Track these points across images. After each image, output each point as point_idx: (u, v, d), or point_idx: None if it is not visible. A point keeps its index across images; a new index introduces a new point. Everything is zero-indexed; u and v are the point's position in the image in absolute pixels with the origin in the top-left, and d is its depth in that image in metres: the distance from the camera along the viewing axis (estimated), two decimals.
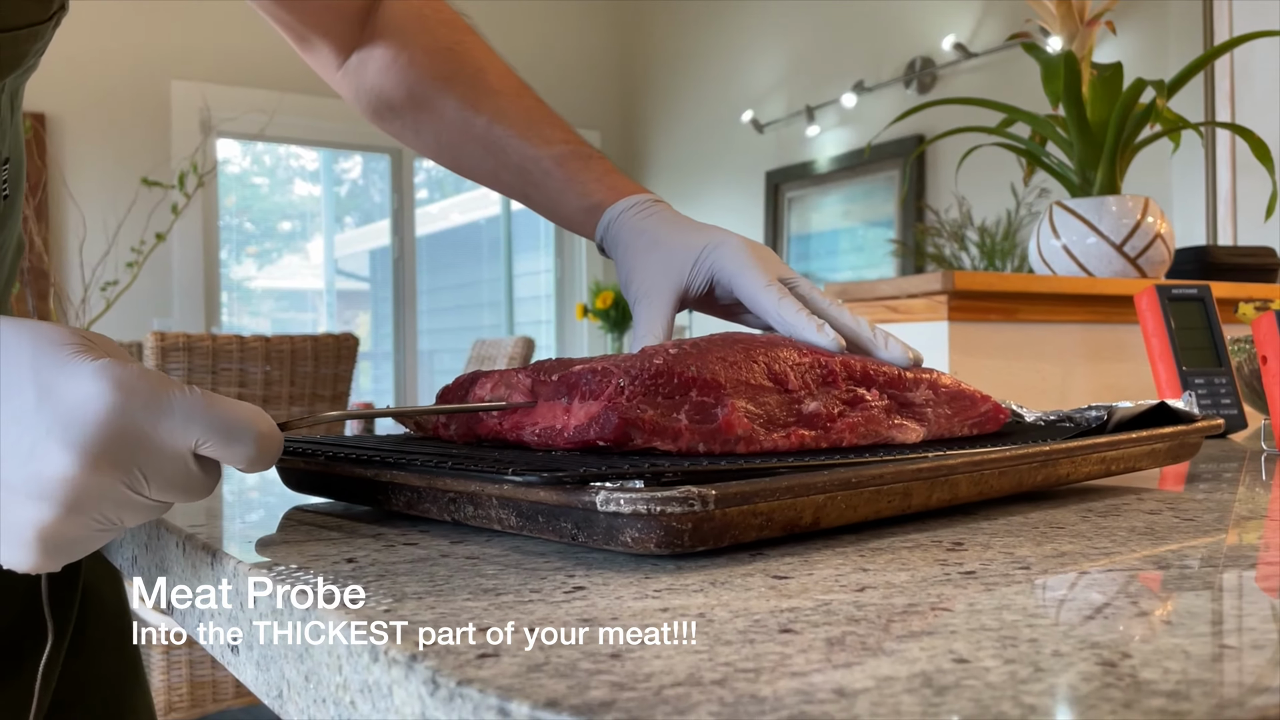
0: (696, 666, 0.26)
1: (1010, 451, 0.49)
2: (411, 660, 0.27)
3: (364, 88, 0.81)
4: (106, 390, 0.35)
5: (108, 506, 0.36)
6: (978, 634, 0.29)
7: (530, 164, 0.73)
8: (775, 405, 0.48)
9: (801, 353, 0.52)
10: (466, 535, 0.45)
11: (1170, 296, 0.96)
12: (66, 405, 0.35)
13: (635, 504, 0.36)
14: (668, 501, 0.36)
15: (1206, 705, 0.23)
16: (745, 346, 0.50)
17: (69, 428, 0.35)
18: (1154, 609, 0.32)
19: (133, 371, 0.36)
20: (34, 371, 0.36)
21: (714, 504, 0.37)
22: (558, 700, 0.24)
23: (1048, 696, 0.23)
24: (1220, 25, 2.47)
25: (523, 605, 0.33)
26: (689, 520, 0.37)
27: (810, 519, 0.41)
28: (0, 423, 0.36)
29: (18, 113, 0.66)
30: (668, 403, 0.45)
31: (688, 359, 0.47)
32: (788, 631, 0.29)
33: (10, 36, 0.57)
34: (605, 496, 0.37)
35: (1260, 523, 0.47)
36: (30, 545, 0.36)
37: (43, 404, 0.35)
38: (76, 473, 0.35)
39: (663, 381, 0.46)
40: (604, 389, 0.45)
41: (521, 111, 0.75)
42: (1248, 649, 0.27)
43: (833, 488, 0.41)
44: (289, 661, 0.35)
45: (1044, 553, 0.40)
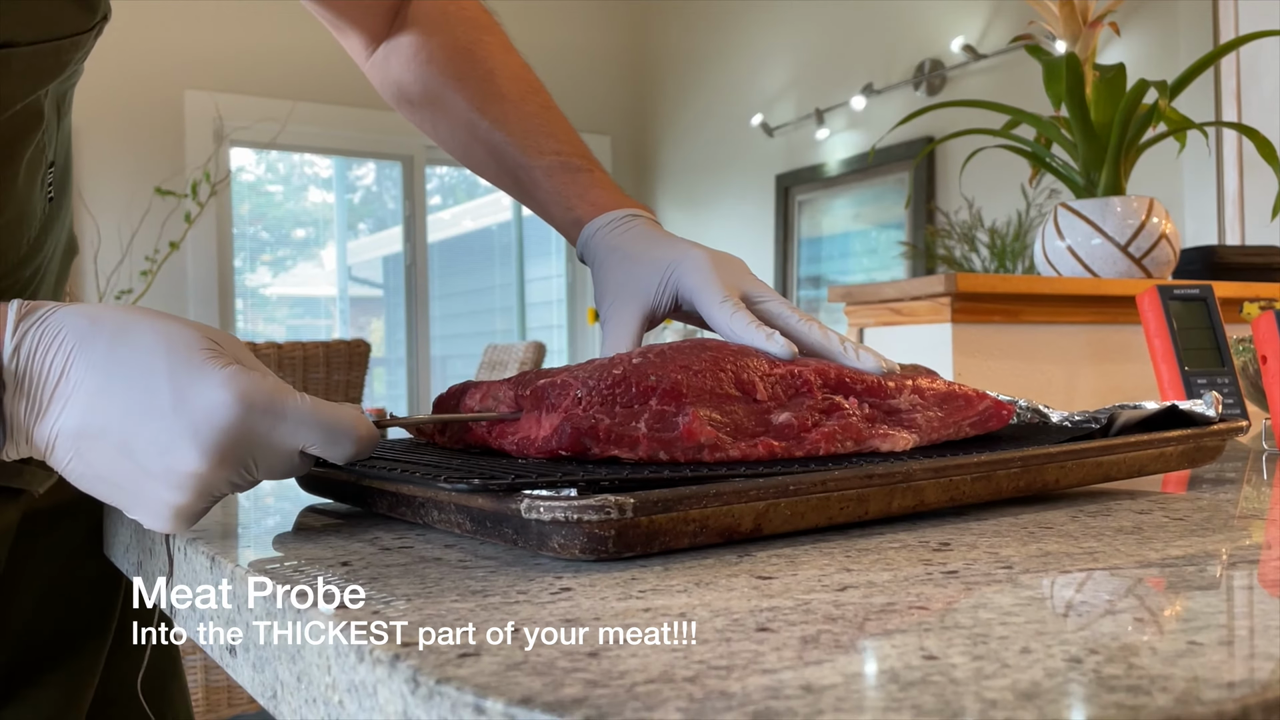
0: (671, 664, 0.27)
1: (978, 459, 0.49)
2: (395, 660, 0.28)
3: (388, 79, 0.84)
4: (232, 400, 0.42)
5: (224, 488, 0.44)
6: (950, 632, 0.29)
7: (523, 173, 0.75)
8: (743, 415, 0.48)
9: (773, 363, 0.52)
10: (460, 541, 0.46)
11: (1172, 297, 0.96)
12: (199, 411, 0.42)
13: (554, 512, 0.38)
14: (584, 510, 0.37)
15: (1164, 700, 0.23)
16: (714, 355, 0.50)
17: (199, 432, 0.42)
18: (1127, 607, 0.32)
19: (254, 381, 0.43)
20: (169, 375, 0.42)
21: (632, 512, 0.38)
22: (531, 697, 0.24)
23: (1009, 691, 0.24)
24: (1226, 25, 2.47)
25: (509, 606, 0.34)
26: (610, 527, 0.38)
27: (751, 526, 0.42)
28: (142, 419, 0.42)
29: (65, 118, 0.68)
30: (626, 412, 0.46)
31: (648, 368, 0.48)
32: (764, 630, 0.30)
33: (53, 46, 0.59)
34: (529, 504, 0.38)
35: (1248, 522, 0.48)
36: (165, 519, 0.44)
37: (178, 407, 0.42)
38: (205, 470, 0.42)
39: (621, 391, 0.47)
40: (563, 400, 0.46)
41: (521, 119, 0.76)
42: (1214, 645, 0.27)
43: (768, 495, 0.42)
44: (282, 662, 0.36)
45: (1028, 553, 0.41)
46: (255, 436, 0.43)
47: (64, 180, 0.70)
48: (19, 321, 0.44)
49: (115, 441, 0.42)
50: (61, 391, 0.43)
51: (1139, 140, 1.31)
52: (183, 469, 0.42)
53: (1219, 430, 0.60)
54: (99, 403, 0.43)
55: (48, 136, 0.65)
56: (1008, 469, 0.50)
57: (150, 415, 0.42)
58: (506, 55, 0.81)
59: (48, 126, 0.64)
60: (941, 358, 1.15)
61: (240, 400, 0.42)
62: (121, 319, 0.44)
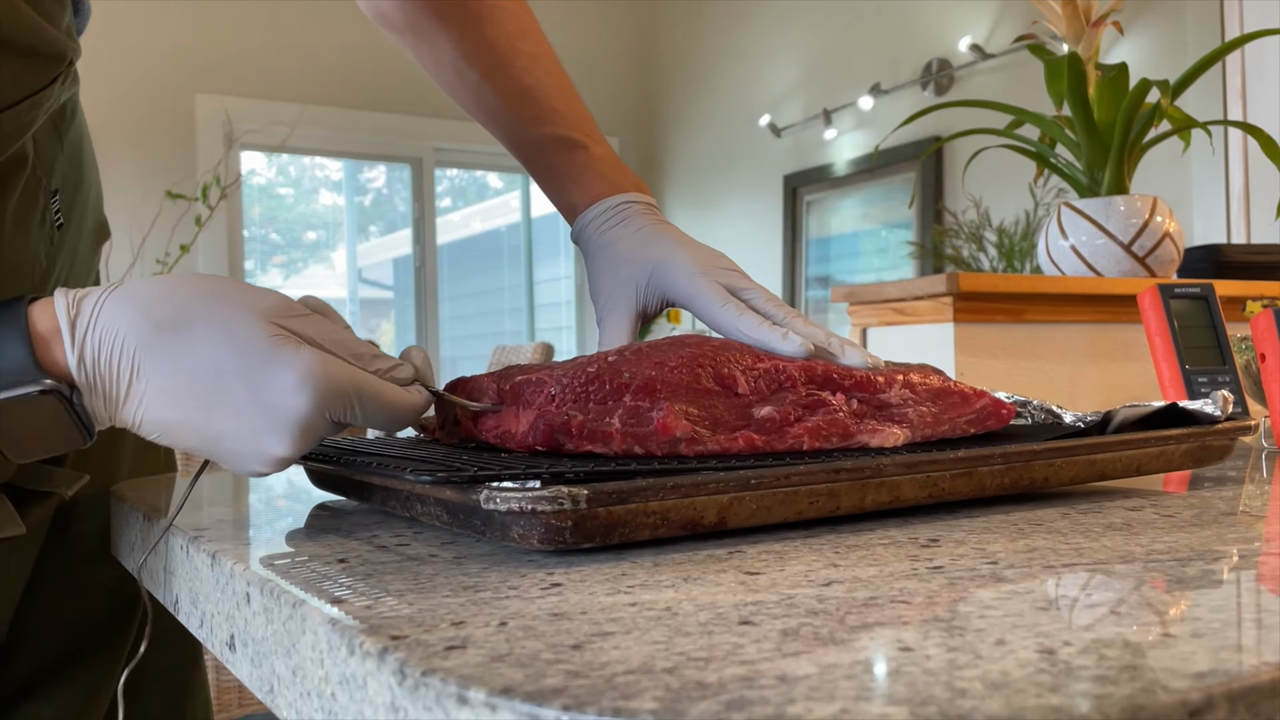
0: (651, 656, 0.27)
1: (954, 454, 0.49)
2: (383, 653, 0.29)
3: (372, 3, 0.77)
4: (307, 396, 0.44)
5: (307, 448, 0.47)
6: (929, 625, 0.30)
7: (515, 139, 0.73)
8: (723, 409, 0.49)
9: (756, 358, 0.52)
10: (458, 538, 0.47)
11: (1173, 296, 0.96)
12: (276, 410, 0.44)
13: (509, 502, 0.39)
14: (539, 500, 0.38)
15: (1130, 689, 0.24)
16: (692, 351, 0.51)
17: (279, 427, 0.44)
18: (1104, 601, 0.33)
19: (326, 369, 0.44)
20: (240, 375, 0.44)
21: (586, 503, 0.39)
22: (512, 688, 0.25)
23: (978, 681, 0.24)
24: (1231, 23, 2.46)
25: (499, 601, 0.34)
26: (567, 518, 0.39)
27: (714, 519, 0.43)
28: (223, 416, 0.44)
29: (69, 131, 0.67)
30: (600, 408, 0.47)
31: (623, 364, 0.49)
32: (746, 624, 0.30)
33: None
34: (486, 495, 0.39)
35: (1238, 519, 0.48)
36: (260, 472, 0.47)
37: (255, 403, 0.44)
38: (287, 453, 0.45)
39: (595, 387, 0.48)
40: (537, 397, 0.47)
41: (512, 76, 0.72)
42: (1186, 638, 0.28)
43: (729, 488, 0.42)
44: (278, 657, 0.36)
45: (1015, 549, 0.41)
46: (327, 422, 0.46)
47: (75, 195, 0.69)
48: (73, 325, 0.44)
49: (200, 432, 0.45)
50: (136, 390, 0.44)
51: (1142, 139, 1.31)
52: (269, 453, 0.45)
53: (1224, 430, 0.60)
54: (176, 401, 0.44)
55: (42, 169, 0.63)
56: (990, 465, 0.50)
57: (229, 413, 0.44)
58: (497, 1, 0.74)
59: (40, 158, 0.63)
60: (944, 357, 1.15)
61: (313, 394, 0.44)
62: (176, 311, 0.45)
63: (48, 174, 0.64)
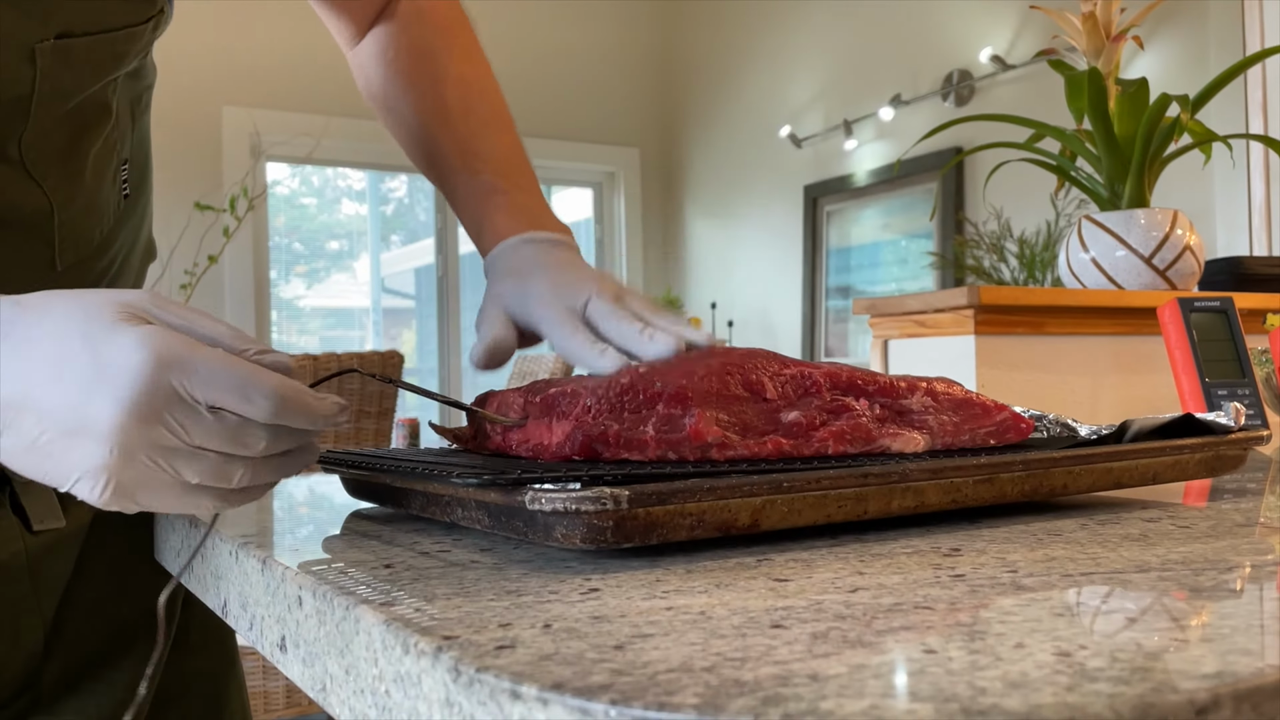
0: (690, 656, 0.29)
1: (977, 461, 0.51)
2: (437, 652, 0.31)
3: (359, 73, 0.86)
4: (142, 352, 0.42)
5: (156, 452, 0.43)
6: (952, 629, 0.32)
7: (449, 190, 0.78)
8: (752, 414, 0.51)
9: (783, 364, 0.54)
10: (496, 544, 0.49)
11: (1193, 309, 0.97)
12: (110, 366, 0.42)
13: (554, 503, 0.40)
14: (582, 500, 0.40)
15: (1141, 689, 0.25)
16: (720, 360, 0.53)
17: (111, 383, 0.42)
18: (1119, 608, 0.34)
19: (167, 336, 0.43)
20: (84, 338, 0.43)
21: (627, 503, 0.40)
22: (562, 683, 0.27)
23: (998, 680, 0.26)
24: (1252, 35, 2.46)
25: (541, 605, 0.36)
26: (609, 518, 0.40)
27: (748, 521, 0.44)
28: (60, 382, 0.43)
29: (141, 119, 0.72)
30: (634, 417, 0.49)
31: (654, 375, 0.51)
32: (778, 627, 0.32)
33: (108, 38, 0.61)
34: (531, 496, 0.41)
35: (1252, 530, 0.49)
36: (100, 483, 0.43)
37: (92, 365, 0.43)
38: (123, 420, 0.42)
39: (629, 398, 0.49)
40: (573, 409, 0.49)
41: (458, 133, 0.78)
42: (1197, 642, 0.29)
43: (762, 491, 0.44)
44: (331, 657, 0.38)
45: (1034, 558, 0.43)
46: (168, 389, 0.43)
47: (141, 179, 0.73)
48: None
49: (38, 407, 0.43)
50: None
51: (1162, 153, 1.32)
52: (101, 422, 0.42)
53: (1239, 439, 0.61)
54: (21, 372, 0.43)
55: (118, 133, 0.67)
56: (1011, 472, 0.52)
57: (67, 377, 0.43)
58: (465, 63, 0.81)
59: (118, 123, 0.67)
60: (965, 369, 1.16)
61: (150, 351, 0.42)
62: (46, 299, 0.45)
63: (121, 141, 0.68)
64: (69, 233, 0.65)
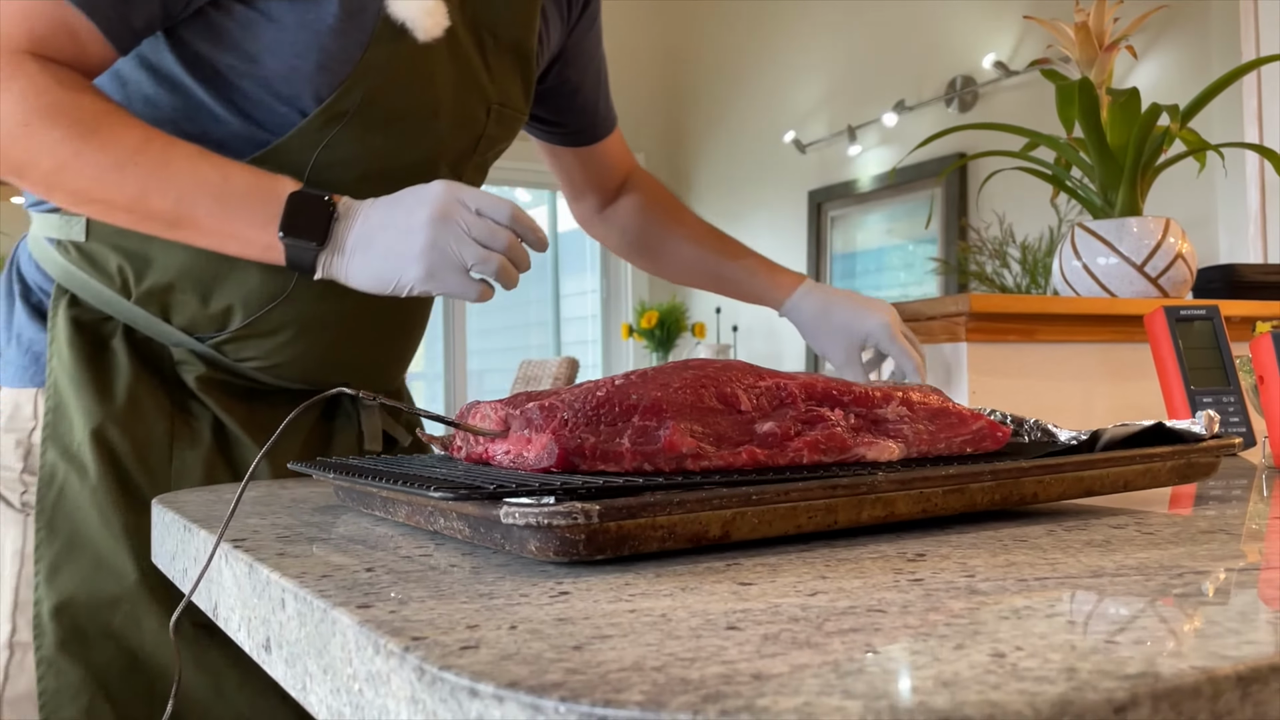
0: (643, 656, 0.30)
1: (946, 471, 0.52)
2: (405, 652, 0.32)
3: (616, 224, 1.30)
4: (441, 185, 0.80)
5: (450, 240, 0.78)
6: (898, 631, 0.33)
7: (728, 272, 1.28)
8: (727, 426, 0.52)
9: (758, 376, 0.55)
10: (476, 549, 0.50)
11: (1179, 317, 0.98)
12: (426, 193, 0.80)
13: (528, 517, 0.42)
14: (554, 515, 0.41)
15: (1064, 688, 0.27)
16: (695, 373, 0.54)
17: (426, 202, 0.79)
18: (1064, 611, 0.36)
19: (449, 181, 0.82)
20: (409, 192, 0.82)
21: (598, 517, 0.42)
22: (518, 682, 0.28)
23: (931, 679, 0.27)
24: (1248, 45, 2.47)
25: (511, 607, 0.37)
26: (581, 532, 0.42)
27: (719, 532, 0.46)
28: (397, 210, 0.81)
29: None
30: (610, 429, 0.50)
31: (630, 388, 0.52)
32: (733, 629, 0.34)
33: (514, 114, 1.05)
34: (506, 510, 0.42)
35: (1213, 536, 0.50)
36: (419, 265, 0.79)
37: (416, 195, 0.81)
38: (432, 217, 0.79)
39: (605, 410, 0.51)
40: (550, 422, 0.50)
41: (714, 239, 1.29)
42: (1129, 644, 0.31)
43: (731, 504, 0.45)
44: (310, 657, 0.40)
45: (995, 563, 0.44)
46: (456, 200, 0.79)
47: None
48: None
49: (385, 233, 0.80)
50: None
51: (1155, 162, 1.33)
52: (419, 223, 0.78)
53: (1210, 447, 0.62)
54: (373, 217, 0.81)
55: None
56: (980, 482, 0.53)
57: (400, 208, 0.80)
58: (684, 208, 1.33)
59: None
60: (957, 376, 1.17)
61: (443, 183, 0.80)
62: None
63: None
64: None
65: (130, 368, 0.90)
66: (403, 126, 0.92)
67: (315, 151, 0.88)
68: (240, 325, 0.91)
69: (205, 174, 0.80)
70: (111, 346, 0.91)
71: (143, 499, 0.88)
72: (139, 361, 0.91)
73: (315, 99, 0.87)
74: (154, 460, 0.89)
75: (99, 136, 0.79)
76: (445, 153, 0.97)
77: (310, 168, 0.88)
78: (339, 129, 0.88)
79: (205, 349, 0.93)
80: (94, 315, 0.92)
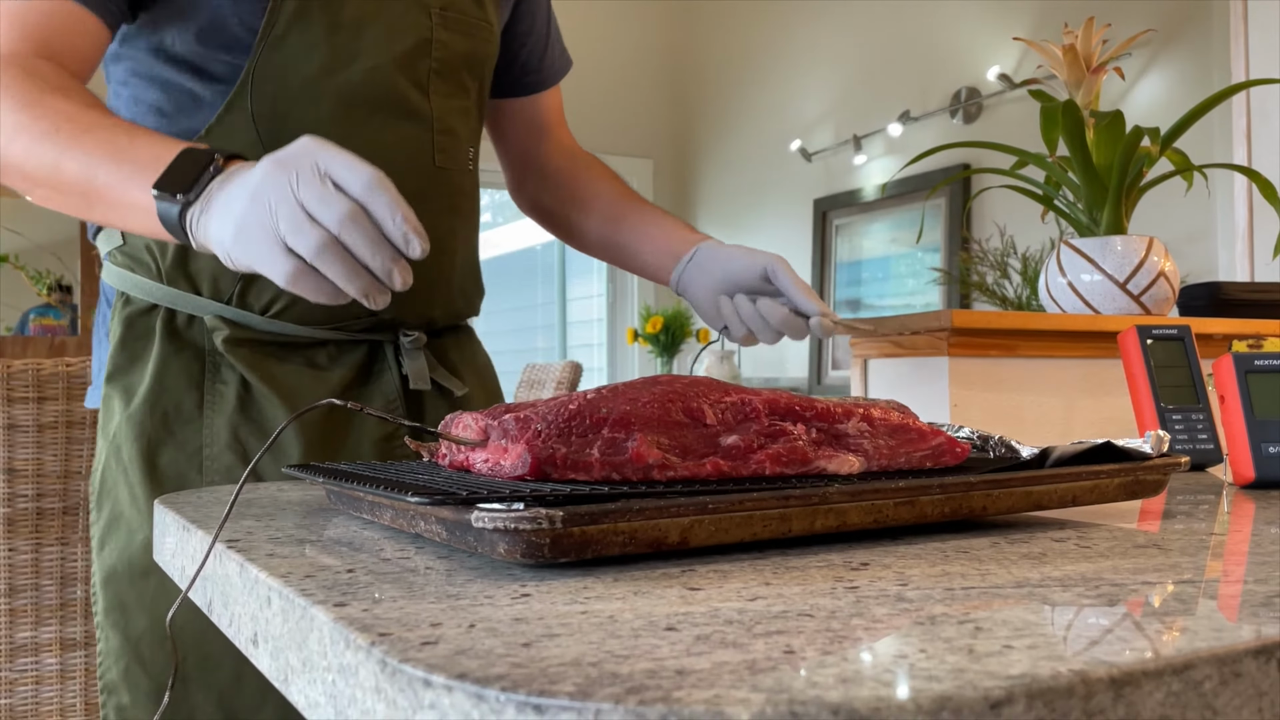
0: (583, 653, 0.34)
1: (897, 484, 0.55)
2: (370, 646, 0.35)
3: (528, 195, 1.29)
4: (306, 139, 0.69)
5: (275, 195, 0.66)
6: (821, 634, 0.36)
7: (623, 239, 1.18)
8: (693, 439, 0.56)
9: (724, 392, 0.59)
10: (454, 552, 0.54)
11: (1150, 336, 1.01)
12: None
13: (497, 521, 0.45)
14: (521, 520, 0.45)
15: (947, 686, 0.30)
16: (665, 388, 0.57)
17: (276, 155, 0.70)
18: (978, 618, 0.39)
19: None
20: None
21: (562, 523, 0.45)
22: (466, 674, 0.32)
23: (833, 677, 0.31)
24: (1237, 65, 2.50)
25: (474, 607, 0.41)
26: (546, 536, 0.45)
27: (677, 538, 0.49)
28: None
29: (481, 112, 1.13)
30: (581, 440, 0.54)
31: (601, 401, 0.55)
32: (671, 630, 0.37)
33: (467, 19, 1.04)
34: (477, 515, 0.46)
35: (1143, 550, 0.54)
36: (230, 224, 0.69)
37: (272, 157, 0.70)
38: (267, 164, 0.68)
39: (576, 422, 0.54)
40: (524, 433, 0.54)
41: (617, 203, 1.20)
42: (1023, 648, 0.34)
43: (688, 512, 0.49)
44: (291, 650, 0.43)
45: (931, 573, 0.47)
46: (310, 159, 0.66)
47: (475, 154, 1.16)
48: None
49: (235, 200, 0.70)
50: None
51: (1139, 182, 1.36)
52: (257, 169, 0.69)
53: (1157, 465, 0.66)
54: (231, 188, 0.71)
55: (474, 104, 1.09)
56: (930, 495, 0.56)
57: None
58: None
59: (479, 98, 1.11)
60: (939, 390, 1.20)
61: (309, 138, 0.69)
62: None
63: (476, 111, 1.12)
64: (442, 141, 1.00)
65: (161, 347, 0.95)
66: (337, 39, 0.93)
67: (261, 84, 0.90)
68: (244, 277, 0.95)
69: (117, 141, 0.76)
70: (151, 332, 0.97)
71: (174, 474, 0.94)
72: (172, 339, 0.96)
73: (249, 32, 0.90)
74: (183, 433, 0.95)
75: (40, 107, 0.79)
76: (392, 60, 0.96)
77: (255, 99, 0.90)
78: (273, 52, 0.90)
79: (234, 311, 0.96)
80: (139, 307, 0.98)
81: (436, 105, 1.00)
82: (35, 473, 1.78)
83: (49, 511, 1.80)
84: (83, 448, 1.82)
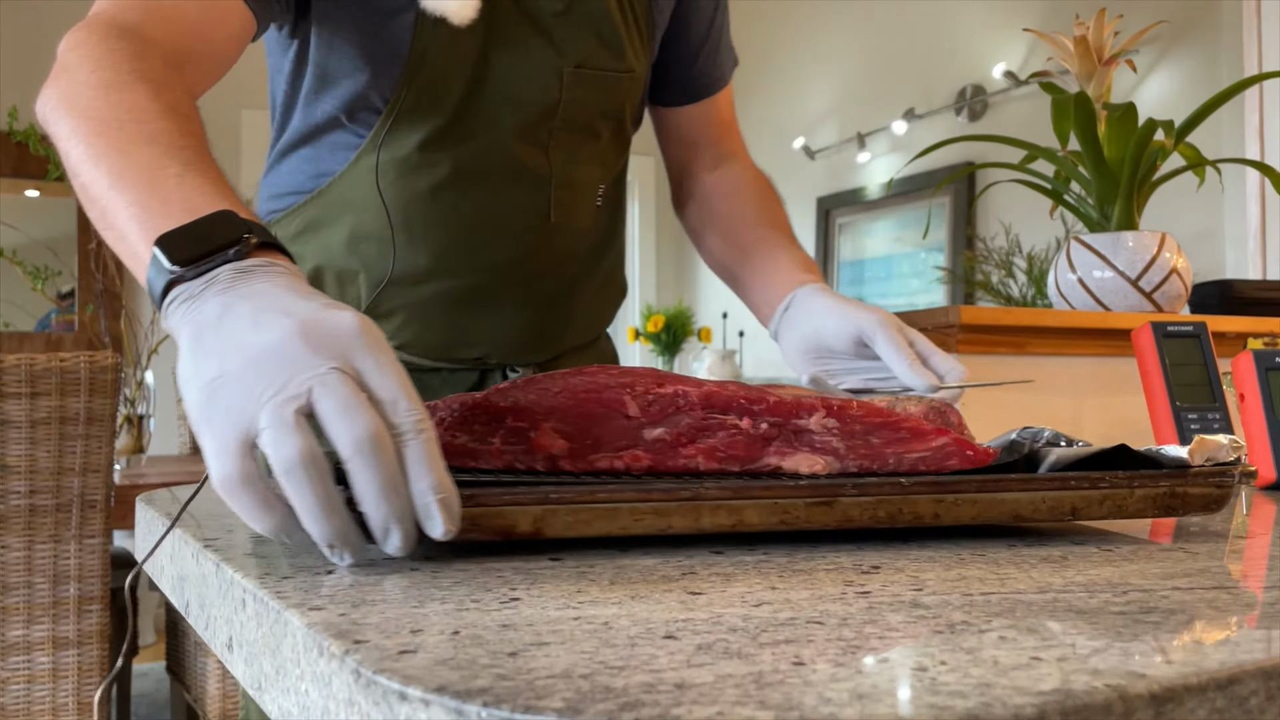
0: (574, 664, 0.31)
1: (805, 484, 0.52)
2: (345, 654, 0.33)
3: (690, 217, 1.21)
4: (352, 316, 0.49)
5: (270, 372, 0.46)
6: (832, 643, 0.34)
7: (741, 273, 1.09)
8: (611, 431, 0.54)
9: (657, 384, 0.56)
10: (441, 551, 0.51)
11: (1165, 333, 0.99)
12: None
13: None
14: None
15: (974, 703, 0.27)
16: (584, 380, 0.56)
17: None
18: (999, 626, 0.36)
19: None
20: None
21: None
22: (445, 686, 0.29)
23: (847, 692, 0.28)
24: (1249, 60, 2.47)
25: (459, 612, 0.38)
26: None
27: (529, 528, 0.48)
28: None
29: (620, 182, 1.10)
30: (484, 429, 0.53)
31: (506, 392, 0.55)
32: (670, 638, 0.34)
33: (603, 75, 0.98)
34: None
35: (1168, 554, 0.51)
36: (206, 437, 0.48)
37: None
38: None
39: (479, 413, 0.54)
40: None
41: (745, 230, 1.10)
42: (1052, 661, 0.31)
43: (529, 502, 0.48)
44: (265, 657, 0.41)
45: (947, 578, 0.45)
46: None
47: (617, 206, 1.09)
48: None
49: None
50: None
51: (1151, 177, 1.33)
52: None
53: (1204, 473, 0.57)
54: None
55: (601, 156, 1.03)
56: (847, 495, 0.52)
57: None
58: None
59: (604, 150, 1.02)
60: None
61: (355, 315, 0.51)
62: None
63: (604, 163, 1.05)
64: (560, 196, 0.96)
65: None
66: (462, 109, 0.91)
67: (389, 146, 0.90)
68: (364, 309, 0.93)
69: (167, 167, 0.61)
70: None
71: None
72: None
73: (382, 99, 0.91)
74: None
75: (119, 92, 0.68)
76: (514, 128, 0.93)
77: (381, 157, 0.90)
78: (401, 120, 0.91)
79: None
80: None
81: (557, 161, 0.96)
82: (28, 469, 1.76)
83: (42, 509, 1.78)
84: (76, 444, 1.79)
